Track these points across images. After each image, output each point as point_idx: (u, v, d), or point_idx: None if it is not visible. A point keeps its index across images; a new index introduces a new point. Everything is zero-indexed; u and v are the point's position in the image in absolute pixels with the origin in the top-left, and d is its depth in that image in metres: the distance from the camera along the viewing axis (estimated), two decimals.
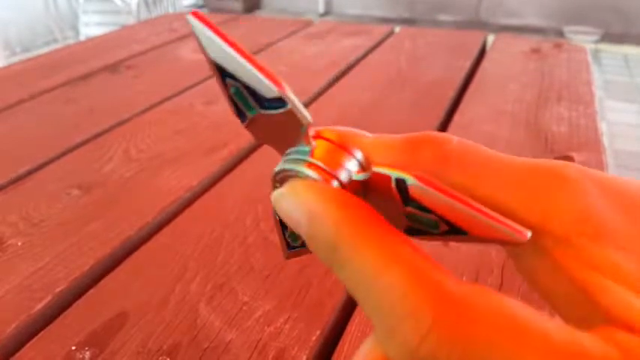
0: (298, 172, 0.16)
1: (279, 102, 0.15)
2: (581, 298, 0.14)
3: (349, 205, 0.14)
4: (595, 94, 0.81)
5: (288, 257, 0.20)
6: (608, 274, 0.14)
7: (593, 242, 0.14)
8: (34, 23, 3.50)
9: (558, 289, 0.15)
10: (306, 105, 0.75)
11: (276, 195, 0.16)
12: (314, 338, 0.36)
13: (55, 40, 3.52)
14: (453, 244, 0.46)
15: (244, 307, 0.39)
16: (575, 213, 0.15)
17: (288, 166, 0.16)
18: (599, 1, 3.64)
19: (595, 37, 3.54)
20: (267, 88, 0.15)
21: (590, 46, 0.93)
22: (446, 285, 0.13)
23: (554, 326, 0.12)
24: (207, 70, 0.89)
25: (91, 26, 3.23)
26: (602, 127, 0.69)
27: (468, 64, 0.91)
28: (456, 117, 0.71)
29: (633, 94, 2.77)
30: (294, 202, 0.15)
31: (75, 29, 3.48)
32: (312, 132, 0.16)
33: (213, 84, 0.84)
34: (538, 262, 0.15)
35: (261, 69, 0.15)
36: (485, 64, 0.93)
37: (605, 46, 3.43)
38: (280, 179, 0.16)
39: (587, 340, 0.12)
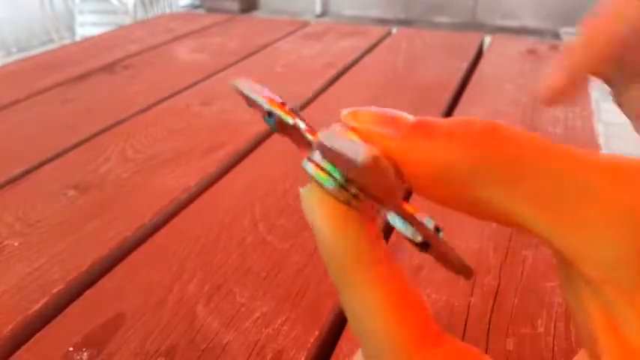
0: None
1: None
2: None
3: (367, 237, 0.15)
4: (591, 95, 0.81)
5: None
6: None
7: None
8: (30, 23, 3.49)
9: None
10: (303, 106, 0.75)
11: (307, 192, 0.15)
12: (312, 340, 0.36)
13: (52, 40, 3.51)
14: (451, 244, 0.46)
15: (242, 309, 0.39)
16: None
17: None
18: (595, 3, 3.65)
19: None
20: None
21: None
22: (422, 343, 0.14)
23: None
24: (203, 70, 0.89)
25: (88, 26, 3.23)
26: (599, 128, 0.70)
27: (465, 65, 0.91)
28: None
29: None
30: (321, 210, 0.15)
31: (71, 29, 3.47)
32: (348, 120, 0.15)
33: (210, 84, 0.84)
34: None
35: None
36: (482, 65, 0.93)
37: None
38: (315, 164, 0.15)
39: None
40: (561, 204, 0.12)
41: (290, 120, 0.16)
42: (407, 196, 0.43)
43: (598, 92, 0.80)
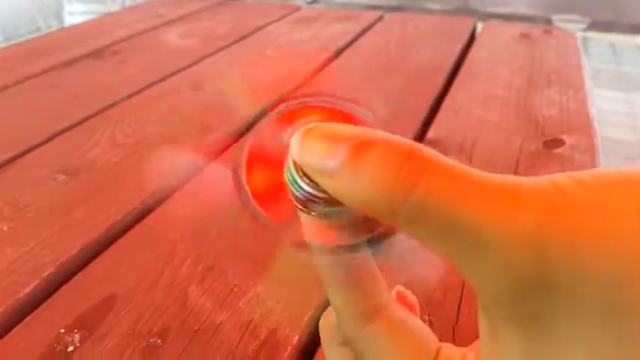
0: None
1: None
2: None
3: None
4: (585, 77, 0.81)
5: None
6: None
7: None
8: (17, 12, 3.44)
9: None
10: (295, 89, 0.74)
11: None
12: (306, 319, 0.36)
13: (39, 30, 3.46)
14: None
15: (235, 289, 0.38)
16: None
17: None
18: None
19: (583, 26, 3.55)
20: None
21: (578, 35, 0.93)
22: None
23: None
24: (193, 55, 0.88)
25: (76, 15, 3.18)
26: (593, 112, 0.69)
27: (457, 50, 0.90)
28: (447, 101, 0.71)
29: (621, 82, 2.78)
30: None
31: (59, 18, 3.42)
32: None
33: (200, 69, 0.83)
34: None
35: None
36: (475, 49, 0.92)
37: (592, 35, 3.45)
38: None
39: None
40: (456, 248, 0.14)
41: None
42: None
43: (590, 79, 0.80)
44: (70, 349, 0.34)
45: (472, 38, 1.01)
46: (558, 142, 0.60)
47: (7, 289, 0.39)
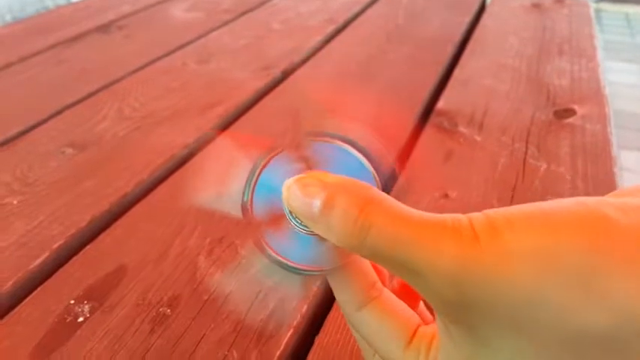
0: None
1: None
2: None
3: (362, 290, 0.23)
4: (597, 47, 0.79)
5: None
6: None
7: None
8: None
9: None
10: (303, 62, 0.74)
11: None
12: (315, 289, 0.36)
13: (46, 8, 3.45)
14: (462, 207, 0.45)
15: (244, 261, 0.38)
16: None
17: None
18: None
19: None
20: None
21: (591, 6, 0.91)
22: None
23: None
24: (199, 28, 0.87)
25: None
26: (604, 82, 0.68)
27: (467, 20, 0.89)
28: (456, 72, 0.70)
29: (634, 54, 2.73)
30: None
31: None
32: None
33: (206, 42, 0.82)
34: None
35: None
36: (485, 19, 0.91)
37: (606, 6, 3.38)
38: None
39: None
40: (402, 276, 0.18)
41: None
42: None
43: (602, 51, 0.78)
44: (80, 319, 0.34)
45: (482, 8, 0.99)
46: (569, 112, 0.59)
47: (17, 261, 0.39)
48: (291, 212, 0.21)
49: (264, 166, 0.21)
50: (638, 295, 0.16)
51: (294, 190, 0.20)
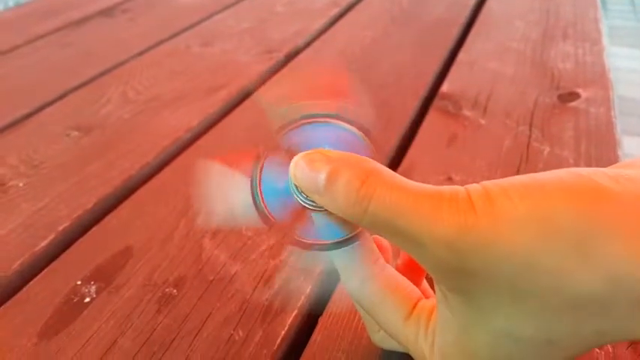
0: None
1: None
2: None
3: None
4: (602, 31, 0.79)
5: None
6: None
7: None
8: None
9: None
10: (306, 45, 0.73)
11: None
12: (319, 270, 0.36)
13: None
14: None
15: (249, 242, 0.38)
16: None
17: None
18: None
19: None
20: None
21: None
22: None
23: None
24: (203, 11, 0.87)
25: None
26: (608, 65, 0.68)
27: (472, 2, 0.88)
28: (461, 55, 0.69)
29: (639, 40, 2.71)
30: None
31: None
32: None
33: (210, 25, 0.82)
34: None
35: None
36: (491, 2, 0.90)
37: None
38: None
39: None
40: (403, 246, 0.19)
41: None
42: None
43: (606, 37, 0.78)
44: (87, 300, 0.34)
45: None
46: (574, 96, 0.59)
47: (24, 242, 0.39)
48: (297, 189, 0.21)
49: (260, 175, 0.22)
50: (629, 258, 0.16)
51: (302, 165, 0.20)
